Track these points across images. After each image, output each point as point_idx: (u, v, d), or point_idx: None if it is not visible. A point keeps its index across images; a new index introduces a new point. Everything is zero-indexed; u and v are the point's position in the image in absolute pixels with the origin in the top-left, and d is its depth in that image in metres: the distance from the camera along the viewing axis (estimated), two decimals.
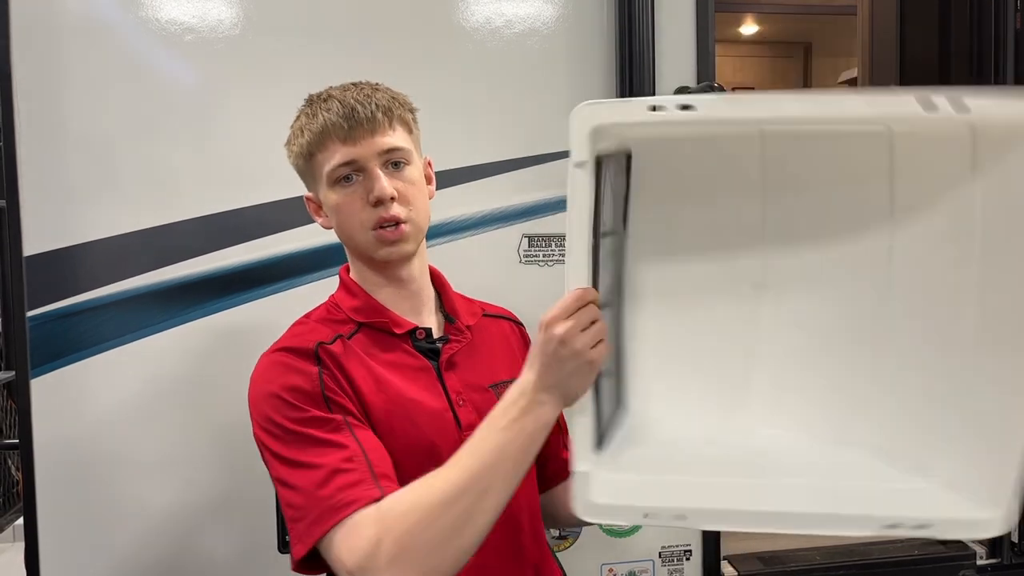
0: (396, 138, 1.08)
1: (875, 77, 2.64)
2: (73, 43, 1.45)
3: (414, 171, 1.11)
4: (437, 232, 1.56)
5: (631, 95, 1.61)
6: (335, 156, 1.07)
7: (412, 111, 1.14)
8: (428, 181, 1.16)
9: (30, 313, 1.44)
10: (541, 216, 1.63)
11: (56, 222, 1.45)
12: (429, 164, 1.18)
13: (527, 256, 1.62)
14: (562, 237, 1.64)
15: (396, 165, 1.09)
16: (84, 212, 1.46)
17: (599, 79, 1.64)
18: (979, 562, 1.93)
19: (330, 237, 1.56)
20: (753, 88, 5.58)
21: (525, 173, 1.60)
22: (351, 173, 1.07)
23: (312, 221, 1.20)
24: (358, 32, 1.55)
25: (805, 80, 5.71)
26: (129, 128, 1.47)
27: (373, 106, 1.06)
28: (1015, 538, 1.91)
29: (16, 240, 1.44)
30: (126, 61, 1.47)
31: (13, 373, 1.39)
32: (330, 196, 1.10)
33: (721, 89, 1.56)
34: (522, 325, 1.30)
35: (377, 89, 1.11)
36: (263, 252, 1.52)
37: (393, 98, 1.10)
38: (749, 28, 5.42)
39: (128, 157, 1.47)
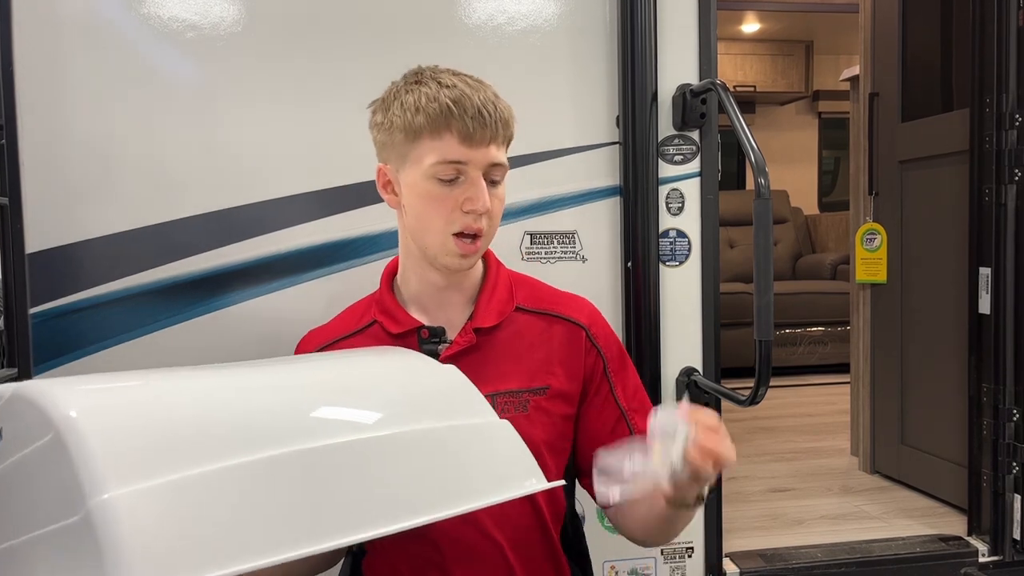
0: (503, 154, 1.08)
1: (876, 75, 2.64)
2: (75, 41, 1.45)
3: (503, 190, 1.10)
4: None
5: (633, 92, 1.61)
6: (449, 152, 1.03)
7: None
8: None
9: (33, 310, 1.44)
10: (543, 213, 1.63)
11: (58, 219, 1.45)
12: None
13: (529, 253, 1.62)
14: (564, 235, 1.64)
15: (494, 182, 1.08)
16: (86, 209, 1.46)
17: (601, 77, 1.64)
18: (981, 559, 1.93)
19: (330, 236, 1.57)
20: (754, 87, 5.57)
21: (527, 170, 1.59)
22: (457, 175, 1.05)
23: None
24: (358, 30, 1.55)
25: (807, 79, 5.71)
26: (131, 125, 1.47)
27: (498, 115, 1.05)
28: (1017, 535, 1.91)
29: (18, 237, 1.44)
30: (128, 59, 1.47)
31: (16, 371, 1.39)
32: (422, 184, 1.05)
33: (724, 87, 1.56)
34: (584, 328, 1.17)
35: (498, 97, 1.08)
36: (266, 249, 1.52)
37: (511, 113, 1.09)
38: (751, 26, 5.42)
39: (130, 154, 1.47)
